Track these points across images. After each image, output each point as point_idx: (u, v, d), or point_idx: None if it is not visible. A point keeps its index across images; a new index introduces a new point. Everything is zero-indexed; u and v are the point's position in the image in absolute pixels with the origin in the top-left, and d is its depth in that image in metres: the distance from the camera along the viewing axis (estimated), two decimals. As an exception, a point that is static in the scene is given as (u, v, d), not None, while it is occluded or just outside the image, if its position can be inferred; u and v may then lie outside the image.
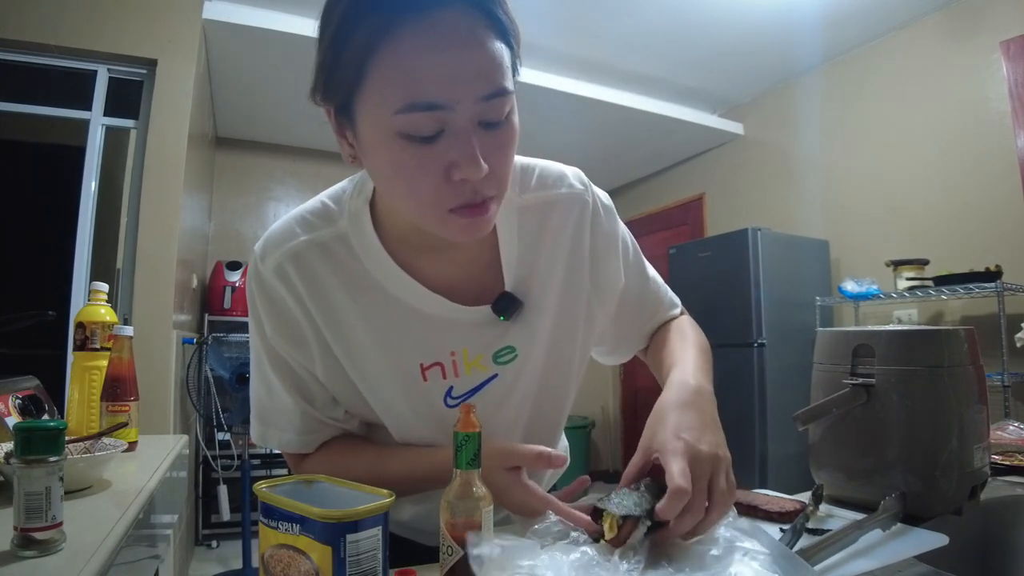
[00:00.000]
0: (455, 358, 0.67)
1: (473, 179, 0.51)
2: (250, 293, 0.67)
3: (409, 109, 0.48)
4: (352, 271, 0.65)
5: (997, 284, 2.38)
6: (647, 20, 2.96)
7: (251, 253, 0.67)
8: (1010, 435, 1.11)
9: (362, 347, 0.66)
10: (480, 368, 0.69)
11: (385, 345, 0.66)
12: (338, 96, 0.53)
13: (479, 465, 0.52)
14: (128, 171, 2.47)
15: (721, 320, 3.19)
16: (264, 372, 0.70)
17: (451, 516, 0.51)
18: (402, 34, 0.47)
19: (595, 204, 0.75)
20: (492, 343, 0.69)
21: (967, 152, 2.78)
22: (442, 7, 0.48)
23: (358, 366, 0.66)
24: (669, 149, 4.38)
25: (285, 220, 0.67)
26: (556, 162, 0.74)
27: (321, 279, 0.64)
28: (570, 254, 0.72)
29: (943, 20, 2.90)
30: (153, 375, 2.28)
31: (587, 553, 0.52)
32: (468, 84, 0.49)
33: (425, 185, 0.52)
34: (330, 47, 0.51)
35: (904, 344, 0.78)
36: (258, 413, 0.72)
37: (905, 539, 0.66)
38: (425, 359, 0.67)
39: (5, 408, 0.97)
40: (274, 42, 2.83)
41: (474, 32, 0.49)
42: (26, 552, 0.55)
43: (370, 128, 0.52)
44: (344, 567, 0.44)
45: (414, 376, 0.67)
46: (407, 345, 0.66)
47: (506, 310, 0.67)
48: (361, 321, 0.65)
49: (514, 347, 0.69)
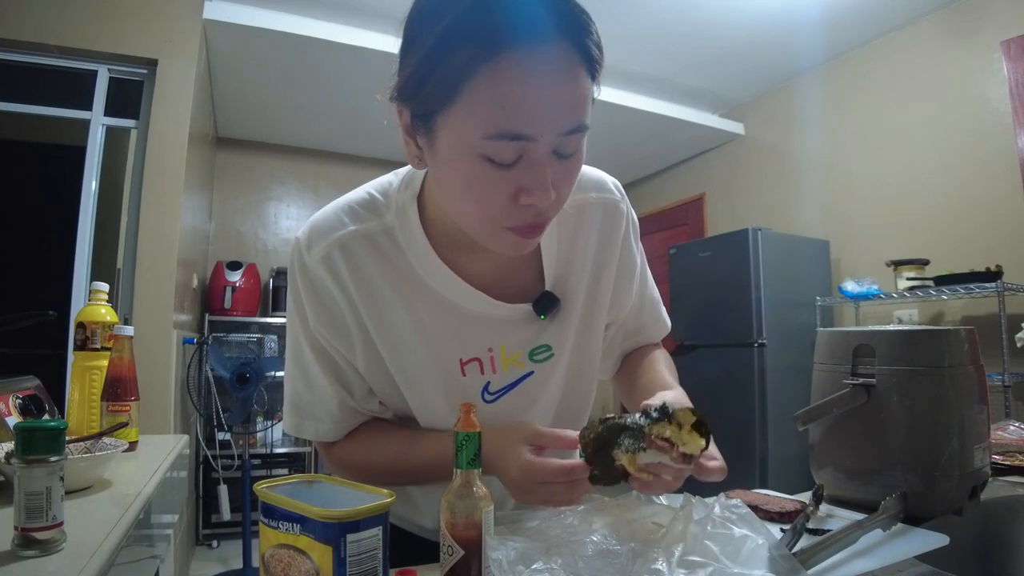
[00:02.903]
0: (492, 354, 0.69)
1: (541, 205, 0.53)
2: (292, 282, 0.68)
3: (497, 137, 0.49)
4: (397, 265, 0.66)
5: (998, 284, 2.38)
6: (647, 20, 2.96)
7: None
8: (1010, 435, 1.11)
9: (403, 340, 0.67)
10: (516, 365, 0.70)
11: (425, 339, 0.67)
12: (423, 106, 0.53)
13: (479, 465, 0.52)
14: (128, 171, 2.47)
15: (721, 320, 3.19)
16: (303, 362, 0.70)
17: (451, 516, 0.51)
18: (503, 63, 0.47)
19: (629, 218, 0.78)
20: (529, 341, 0.70)
21: (968, 152, 2.78)
22: (545, 42, 0.48)
23: (398, 359, 0.67)
24: (669, 149, 4.38)
25: (332, 209, 0.67)
26: (596, 168, 0.77)
27: (366, 271, 0.65)
28: (598, 255, 0.74)
29: (943, 20, 2.90)
30: (153, 375, 2.28)
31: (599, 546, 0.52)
32: (554, 120, 0.50)
33: (493, 204, 0.53)
34: (427, 59, 0.50)
35: (905, 344, 0.78)
36: (293, 403, 0.73)
37: (905, 539, 0.66)
38: (464, 354, 0.68)
39: (6, 408, 0.97)
40: (275, 42, 2.83)
41: (569, 69, 0.50)
42: (27, 552, 0.55)
43: (451, 143, 0.52)
44: (344, 567, 0.44)
45: (453, 371, 0.68)
46: (447, 340, 0.68)
47: (546, 309, 0.69)
48: (403, 314, 0.66)
49: (550, 345, 0.71)
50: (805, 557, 0.56)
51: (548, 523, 0.58)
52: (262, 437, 3.72)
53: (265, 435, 3.72)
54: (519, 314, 0.69)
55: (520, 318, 0.69)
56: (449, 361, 0.68)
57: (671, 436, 0.55)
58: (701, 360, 3.29)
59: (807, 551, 0.57)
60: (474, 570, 0.50)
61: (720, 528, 0.54)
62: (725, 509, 0.57)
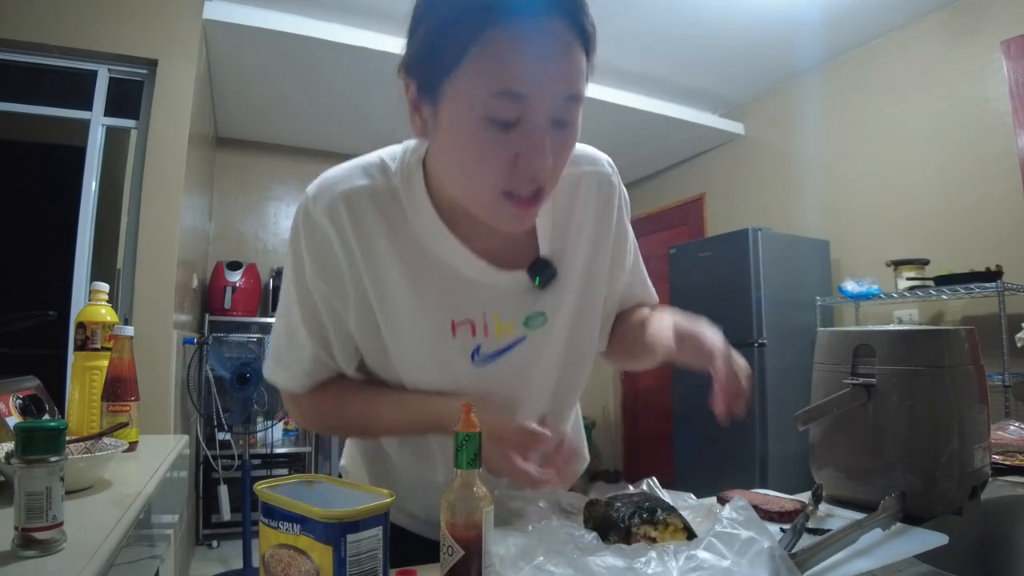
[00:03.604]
0: (486, 319, 0.70)
1: (537, 166, 0.56)
2: (294, 232, 0.69)
3: (498, 95, 0.53)
4: (398, 223, 0.67)
5: (998, 284, 2.37)
6: (647, 20, 2.96)
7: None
8: (1011, 435, 1.11)
9: (397, 298, 0.68)
10: (509, 331, 0.71)
11: (420, 298, 0.68)
12: (430, 75, 0.56)
13: (479, 465, 0.52)
14: (129, 171, 2.47)
15: (721, 320, 3.14)
16: (290, 315, 0.72)
17: (451, 516, 0.51)
18: (504, 31, 0.52)
19: (621, 194, 0.79)
20: (524, 308, 0.71)
21: (968, 152, 2.78)
22: (543, 15, 0.53)
23: (390, 317, 0.68)
24: (669, 149, 4.38)
25: (342, 167, 0.70)
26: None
27: (368, 225, 0.66)
28: (595, 228, 0.76)
29: (944, 20, 2.90)
30: (154, 375, 2.28)
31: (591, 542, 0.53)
32: (550, 84, 0.54)
33: (492, 167, 0.56)
34: (434, 30, 0.55)
35: (905, 344, 0.78)
36: (274, 353, 0.76)
37: (905, 539, 0.66)
38: (457, 316, 0.69)
39: (6, 408, 0.97)
40: (275, 42, 2.83)
41: (566, 41, 0.54)
42: (27, 552, 0.55)
43: (456, 107, 0.55)
44: (344, 567, 0.44)
45: (444, 331, 0.69)
46: (440, 300, 0.69)
47: (541, 274, 0.70)
48: (400, 272, 0.67)
49: (544, 312, 0.72)
50: (805, 557, 0.56)
51: (549, 525, 0.59)
52: (262, 437, 3.71)
53: (265, 435, 3.72)
54: (515, 282, 0.70)
55: (516, 287, 0.71)
56: (441, 321, 0.69)
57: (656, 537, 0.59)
58: (701, 360, 3.28)
59: (807, 551, 0.57)
60: (474, 570, 0.50)
61: (727, 528, 0.54)
62: (732, 511, 0.57)
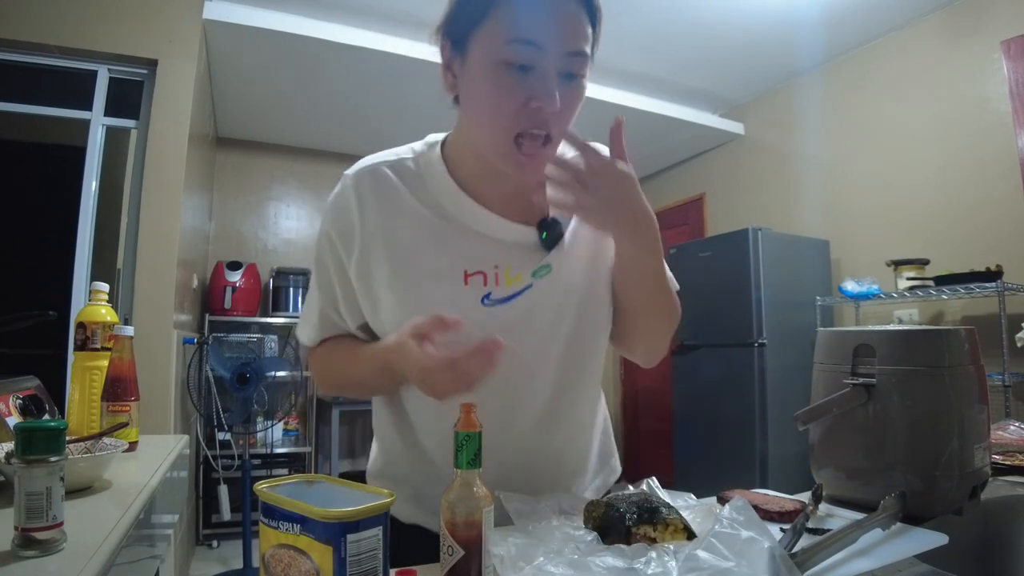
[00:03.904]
0: (498, 272, 0.75)
1: (547, 109, 0.64)
2: (327, 206, 0.79)
3: (515, 42, 0.64)
4: (415, 187, 0.77)
5: (998, 284, 2.38)
6: (648, 20, 2.96)
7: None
8: (1011, 435, 1.11)
9: (411, 249, 0.75)
10: (518, 281, 0.76)
11: (434, 249, 0.75)
12: (460, 30, 0.68)
13: (479, 465, 0.52)
14: (129, 171, 2.47)
15: (721, 320, 3.19)
16: (313, 278, 0.84)
17: (451, 516, 0.51)
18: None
19: None
20: (533, 263, 0.76)
21: (968, 152, 2.78)
22: None
23: (404, 265, 0.74)
24: (669, 149, 4.38)
25: (378, 153, 0.80)
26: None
27: (388, 189, 0.76)
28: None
29: (943, 20, 2.90)
30: (154, 375, 2.28)
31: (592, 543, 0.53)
32: (561, 37, 0.65)
33: (508, 107, 0.65)
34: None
35: (905, 344, 0.78)
36: (301, 314, 0.88)
37: (905, 539, 0.66)
38: (470, 268, 0.75)
39: (6, 408, 0.97)
40: (275, 42, 2.83)
41: (576, 8, 0.66)
42: (27, 552, 0.55)
43: (480, 55, 0.66)
44: (344, 567, 0.44)
45: (456, 279, 0.74)
46: (455, 254, 0.75)
47: (549, 230, 0.77)
48: (416, 228, 0.75)
49: (550, 265, 0.77)
50: (805, 557, 0.56)
51: (549, 525, 0.59)
52: (262, 437, 3.72)
53: (265, 435, 3.72)
54: (525, 239, 0.76)
55: (526, 244, 0.76)
56: (455, 270, 0.74)
57: (656, 537, 0.60)
58: (701, 360, 3.29)
59: (807, 551, 0.57)
60: (474, 570, 0.50)
61: (727, 528, 0.54)
62: (732, 511, 0.57)
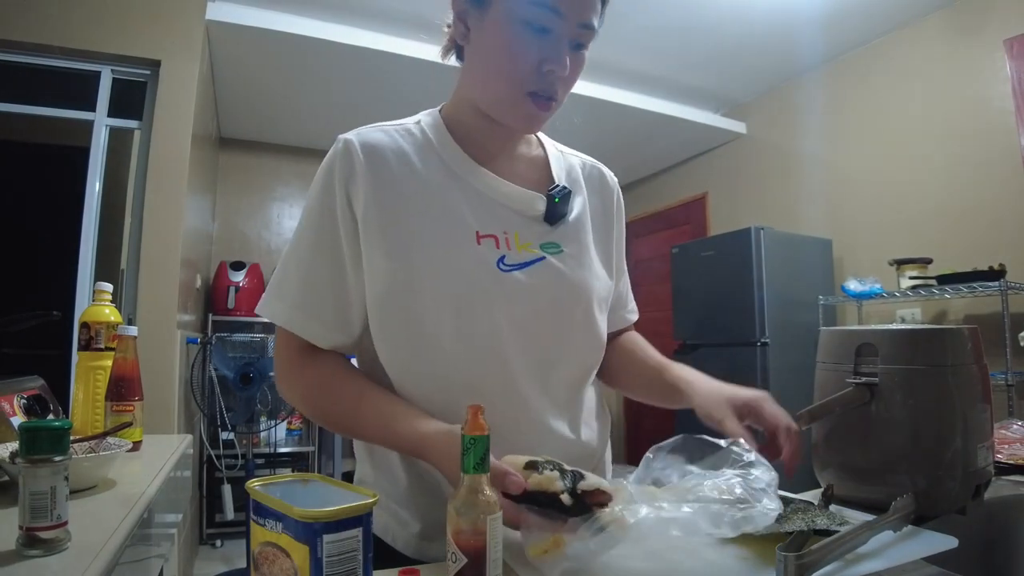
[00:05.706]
0: (508, 236, 0.74)
1: (558, 73, 0.68)
2: (318, 173, 0.75)
3: (539, 4, 0.67)
4: (423, 147, 0.76)
5: (1001, 283, 2.37)
6: (649, 19, 2.95)
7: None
8: (1014, 434, 1.10)
9: (416, 211, 0.72)
10: (528, 249, 0.75)
11: (444, 212, 0.72)
12: None
13: (487, 469, 0.51)
14: (132, 172, 2.47)
15: (724, 319, 3.19)
16: (290, 251, 0.75)
17: (456, 522, 0.49)
18: None
19: (621, 201, 0.90)
20: (540, 235, 0.76)
21: (970, 151, 2.77)
22: None
23: (411, 228, 0.71)
24: (672, 148, 4.38)
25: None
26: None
27: (383, 154, 0.73)
28: (603, 213, 0.85)
29: (946, 18, 2.89)
30: (157, 375, 2.28)
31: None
32: (578, 8, 0.68)
33: (522, 65, 0.68)
34: None
35: (907, 343, 0.77)
36: (269, 287, 0.76)
37: (914, 541, 0.65)
38: (481, 229, 0.73)
39: (10, 408, 0.98)
40: (277, 42, 2.83)
41: None
42: (31, 551, 0.55)
43: (504, 9, 0.68)
44: (321, 567, 0.43)
45: (469, 240, 0.72)
46: (466, 215, 0.73)
47: (560, 195, 0.77)
48: (423, 190, 0.73)
49: (559, 243, 0.77)
50: (815, 558, 0.56)
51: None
52: (265, 437, 3.72)
53: (268, 435, 3.73)
54: (529, 207, 0.76)
55: (530, 211, 0.76)
56: (466, 231, 0.72)
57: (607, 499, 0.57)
58: (703, 359, 3.28)
59: (816, 552, 0.57)
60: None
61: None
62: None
